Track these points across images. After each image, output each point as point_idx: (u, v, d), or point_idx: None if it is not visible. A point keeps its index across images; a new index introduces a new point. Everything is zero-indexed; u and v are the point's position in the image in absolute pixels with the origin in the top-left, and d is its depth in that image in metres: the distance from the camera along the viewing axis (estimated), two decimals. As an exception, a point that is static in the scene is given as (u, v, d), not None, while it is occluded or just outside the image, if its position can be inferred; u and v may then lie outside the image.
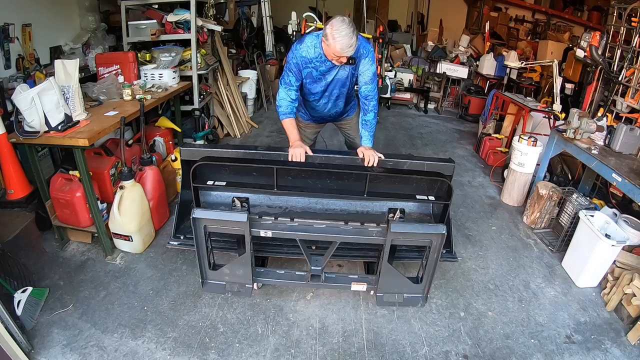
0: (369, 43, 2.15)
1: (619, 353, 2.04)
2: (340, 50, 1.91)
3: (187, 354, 1.89)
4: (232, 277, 2.07)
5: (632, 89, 3.27)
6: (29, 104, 2.05)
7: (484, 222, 3.15)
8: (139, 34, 3.62)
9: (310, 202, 2.55)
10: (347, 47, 1.90)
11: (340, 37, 1.87)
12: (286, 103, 2.17)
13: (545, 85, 5.08)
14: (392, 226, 1.80)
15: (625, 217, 2.63)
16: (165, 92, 3.14)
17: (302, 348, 1.96)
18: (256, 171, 2.29)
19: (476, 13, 8.27)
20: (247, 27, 6.04)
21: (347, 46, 1.90)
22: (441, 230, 1.82)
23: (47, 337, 1.91)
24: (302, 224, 1.93)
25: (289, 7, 5.86)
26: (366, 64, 2.12)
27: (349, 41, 1.89)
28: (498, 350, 2.02)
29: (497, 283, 2.49)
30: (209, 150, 2.24)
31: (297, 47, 2.10)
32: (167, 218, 2.89)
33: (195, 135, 3.64)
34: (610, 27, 3.62)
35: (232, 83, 4.59)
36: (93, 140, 2.18)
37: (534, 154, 3.24)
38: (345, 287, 2.11)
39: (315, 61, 2.08)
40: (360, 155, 2.12)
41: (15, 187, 2.43)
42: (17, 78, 2.90)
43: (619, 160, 2.59)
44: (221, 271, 2.05)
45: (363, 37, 2.12)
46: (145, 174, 2.66)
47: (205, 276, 2.06)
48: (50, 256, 2.46)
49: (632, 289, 2.16)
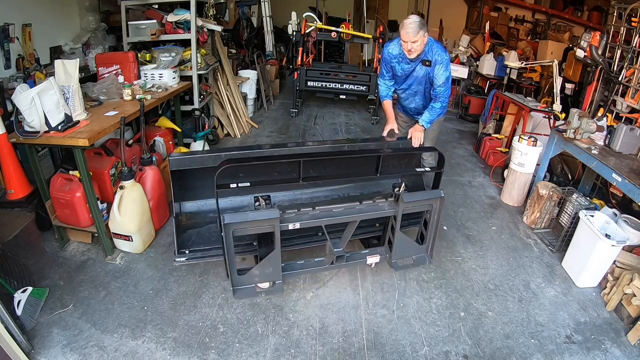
0: (445, 52, 2.48)
1: (619, 353, 2.04)
2: (403, 35, 2.34)
3: (187, 354, 1.89)
4: (262, 277, 2.06)
5: (632, 89, 3.26)
6: (29, 104, 2.05)
7: (484, 222, 3.15)
8: (139, 34, 3.62)
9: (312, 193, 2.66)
10: (406, 33, 2.31)
11: (403, 25, 2.32)
12: (383, 88, 2.76)
13: (545, 85, 5.07)
14: (404, 197, 2.05)
15: (625, 217, 2.63)
16: (165, 92, 3.14)
17: (302, 348, 1.96)
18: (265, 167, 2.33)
19: (476, 13, 8.27)
20: (247, 27, 6.04)
21: (406, 32, 2.31)
22: (440, 194, 2.13)
23: (47, 337, 1.91)
24: (323, 211, 2.06)
25: (289, 7, 5.86)
26: (440, 69, 2.45)
27: (408, 28, 2.29)
28: (498, 350, 2.02)
29: (497, 283, 2.49)
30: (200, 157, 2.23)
31: (387, 45, 2.61)
32: (167, 218, 2.89)
33: (195, 135, 3.64)
34: (610, 27, 3.62)
35: (232, 83, 4.59)
36: (93, 140, 2.18)
37: (534, 154, 3.24)
38: (362, 262, 2.26)
39: (398, 57, 2.56)
40: (409, 136, 2.57)
41: (15, 187, 2.43)
42: (17, 78, 2.90)
43: (619, 160, 2.59)
44: (251, 274, 2.03)
45: (442, 47, 2.48)
46: (145, 174, 2.66)
47: (236, 283, 2.03)
48: (50, 256, 2.46)
49: (632, 289, 2.16)
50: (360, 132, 5.05)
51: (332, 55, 7.75)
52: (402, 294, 2.34)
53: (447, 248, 2.79)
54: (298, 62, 5.21)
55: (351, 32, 5.32)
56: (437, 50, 2.44)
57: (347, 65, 6.75)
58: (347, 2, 8.43)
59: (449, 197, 3.50)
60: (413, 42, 2.34)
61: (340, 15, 7.52)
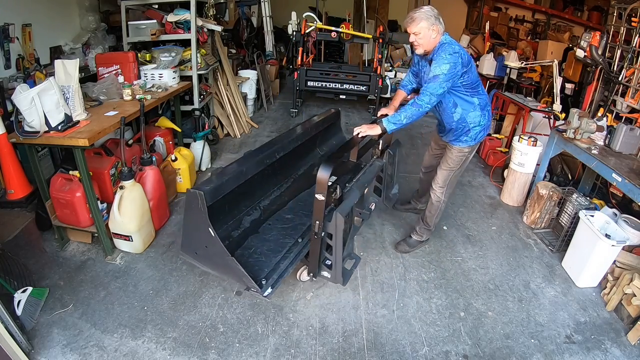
0: (452, 53, 2.08)
1: (619, 353, 2.04)
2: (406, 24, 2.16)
3: (187, 354, 1.89)
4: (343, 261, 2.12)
5: (632, 89, 3.26)
6: (29, 104, 2.05)
7: (484, 222, 3.15)
8: (139, 34, 3.61)
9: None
10: (407, 22, 2.14)
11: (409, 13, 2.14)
12: (405, 78, 2.59)
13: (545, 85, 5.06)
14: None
15: (625, 217, 2.63)
16: (165, 92, 3.14)
17: (302, 348, 1.96)
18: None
19: (476, 13, 8.27)
20: (247, 27, 6.04)
21: (407, 21, 2.14)
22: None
23: (47, 337, 1.91)
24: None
25: (289, 7, 5.86)
26: (434, 64, 2.12)
27: (410, 16, 2.13)
28: (498, 350, 2.02)
29: (497, 283, 2.49)
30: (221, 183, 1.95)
31: None
32: (167, 218, 2.89)
33: (195, 135, 3.64)
34: (610, 27, 3.62)
35: (232, 83, 4.59)
36: (93, 140, 2.18)
37: (534, 154, 3.24)
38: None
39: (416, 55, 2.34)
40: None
41: (15, 187, 2.43)
42: (17, 78, 2.90)
43: (619, 160, 2.59)
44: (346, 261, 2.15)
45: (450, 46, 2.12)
46: (145, 174, 2.66)
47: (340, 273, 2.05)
48: (50, 256, 2.46)
49: (632, 289, 2.16)
50: (360, 132, 5.05)
51: (332, 55, 7.75)
52: (402, 294, 2.34)
53: (447, 248, 2.79)
54: (298, 62, 5.21)
55: (351, 32, 5.32)
56: (443, 49, 2.11)
57: (347, 65, 6.75)
58: (347, 2, 8.43)
59: (449, 197, 3.49)
60: (414, 33, 2.13)
61: (340, 15, 7.52)
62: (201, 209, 1.75)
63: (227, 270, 1.91)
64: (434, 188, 2.56)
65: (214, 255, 1.87)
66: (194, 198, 1.75)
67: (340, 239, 1.91)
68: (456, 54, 2.09)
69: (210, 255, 1.90)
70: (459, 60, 2.09)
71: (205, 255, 1.92)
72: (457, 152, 2.41)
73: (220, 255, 1.81)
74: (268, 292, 1.89)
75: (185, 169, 3.19)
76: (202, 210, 1.75)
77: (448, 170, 2.48)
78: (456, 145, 2.40)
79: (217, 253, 1.83)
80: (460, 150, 2.40)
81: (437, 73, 2.09)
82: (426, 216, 2.65)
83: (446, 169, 2.48)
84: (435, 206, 2.59)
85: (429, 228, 2.68)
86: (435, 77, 2.09)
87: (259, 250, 2.17)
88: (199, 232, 1.83)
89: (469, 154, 2.44)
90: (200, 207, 1.74)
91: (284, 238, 2.29)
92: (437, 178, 2.54)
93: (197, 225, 1.81)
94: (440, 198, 2.55)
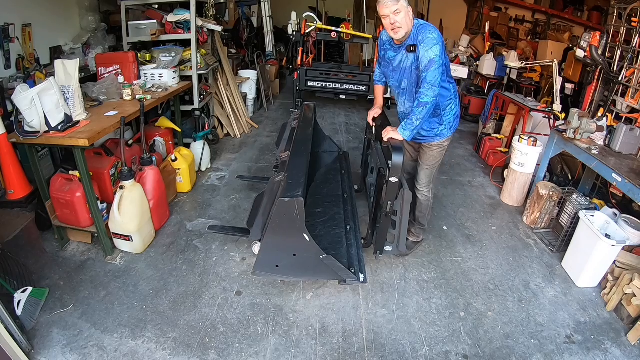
0: (434, 30, 2.00)
1: (619, 353, 2.04)
2: (381, 8, 1.97)
3: (187, 354, 1.88)
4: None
5: (632, 89, 3.26)
6: (29, 104, 2.05)
7: (484, 222, 3.15)
8: (139, 34, 3.61)
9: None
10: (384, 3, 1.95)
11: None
12: (377, 72, 2.55)
13: (545, 85, 5.07)
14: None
15: (625, 217, 2.63)
16: (165, 92, 3.14)
17: (302, 348, 1.96)
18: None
19: (476, 13, 8.28)
20: (247, 27, 6.05)
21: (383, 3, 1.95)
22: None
23: (47, 337, 1.91)
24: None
25: (289, 7, 5.87)
26: (422, 49, 1.98)
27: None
28: (498, 350, 2.02)
29: (497, 283, 2.49)
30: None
31: (382, 32, 2.26)
32: (167, 218, 2.89)
33: (195, 135, 3.64)
34: (610, 27, 3.62)
35: (232, 83, 4.59)
36: (93, 140, 2.18)
37: (534, 154, 3.24)
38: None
39: (387, 44, 2.25)
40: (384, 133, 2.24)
41: (15, 187, 2.42)
42: (17, 78, 2.89)
43: (619, 160, 2.58)
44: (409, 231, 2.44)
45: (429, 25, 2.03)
46: (145, 174, 2.65)
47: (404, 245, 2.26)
48: (50, 256, 2.46)
49: (632, 289, 2.16)
50: (360, 132, 5.04)
51: (332, 55, 7.75)
52: (402, 294, 2.34)
53: (447, 248, 2.79)
54: (298, 62, 5.21)
55: (351, 32, 5.32)
56: (424, 30, 1.99)
57: (347, 65, 6.75)
58: (347, 2, 8.43)
59: (449, 197, 3.50)
60: (395, 12, 1.94)
61: (340, 15, 7.53)
62: (297, 216, 1.74)
63: (318, 271, 1.97)
64: (419, 189, 2.52)
65: (306, 260, 1.90)
66: (290, 206, 1.72)
67: (407, 213, 2.12)
68: (438, 32, 2.01)
69: (299, 262, 1.92)
70: (442, 39, 2.01)
71: (290, 264, 1.94)
72: (437, 148, 2.38)
73: (315, 256, 1.85)
74: (363, 278, 2.06)
75: (185, 169, 3.19)
76: (298, 217, 1.74)
77: (430, 169, 2.45)
78: (435, 141, 2.35)
79: (310, 257, 1.86)
80: (440, 146, 2.37)
81: (432, 57, 1.97)
82: (418, 217, 2.65)
83: (428, 167, 2.45)
84: (425, 205, 2.58)
85: (423, 227, 2.70)
86: (432, 62, 1.97)
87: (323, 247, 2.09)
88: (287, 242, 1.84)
89: (448, 146, 2.42)
90: (297, 214, 1.73)
91: (333, 229, 2.35)
92: (421, 179, 2.50)
93: (290, 233, 1.81)
94: (428, 196, 2.55)
